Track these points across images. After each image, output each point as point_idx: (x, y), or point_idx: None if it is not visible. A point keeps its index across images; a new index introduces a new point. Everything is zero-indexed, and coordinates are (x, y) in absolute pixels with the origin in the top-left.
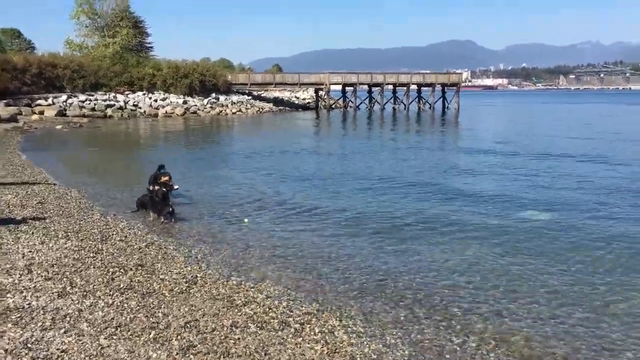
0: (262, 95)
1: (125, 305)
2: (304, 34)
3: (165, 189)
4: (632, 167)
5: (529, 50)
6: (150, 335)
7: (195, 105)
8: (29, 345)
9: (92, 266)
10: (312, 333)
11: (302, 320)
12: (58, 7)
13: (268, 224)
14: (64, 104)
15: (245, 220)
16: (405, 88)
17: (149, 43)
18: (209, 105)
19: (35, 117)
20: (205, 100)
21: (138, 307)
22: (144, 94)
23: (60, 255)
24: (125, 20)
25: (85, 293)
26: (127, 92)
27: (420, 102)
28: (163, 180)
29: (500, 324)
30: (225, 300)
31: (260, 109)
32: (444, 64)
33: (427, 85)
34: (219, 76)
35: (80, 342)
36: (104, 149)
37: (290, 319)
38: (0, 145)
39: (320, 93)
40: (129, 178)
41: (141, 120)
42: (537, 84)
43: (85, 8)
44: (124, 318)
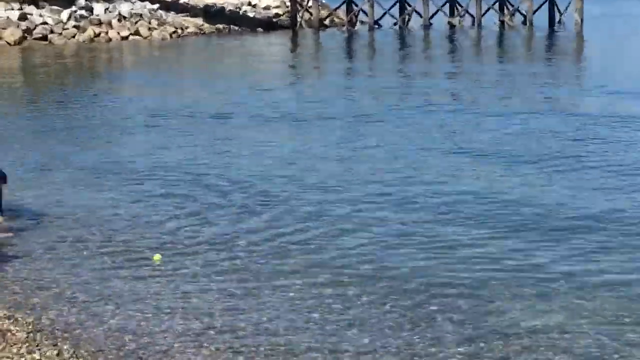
0: (184, 1)
1: None
2: None
3: None
4: None
5: None
6: None
7: (45, 23)
8: None
9: None
10: None
11: None
12: None
13: (201, 269)
14: None
15: (156, 258)
16: None
17: None
18: (71, 23)
19: None
20: (64, 14)
21: None
22: None
23: None
24: None
25: None
26: None
27: (505, 12)
28: None
29: None
30: None
31: (179, 30)
32: None
33: None
34: None
35: None
36: None
37: None
38: None
39: None
40: None
41: None
42: None
43: None
44: None
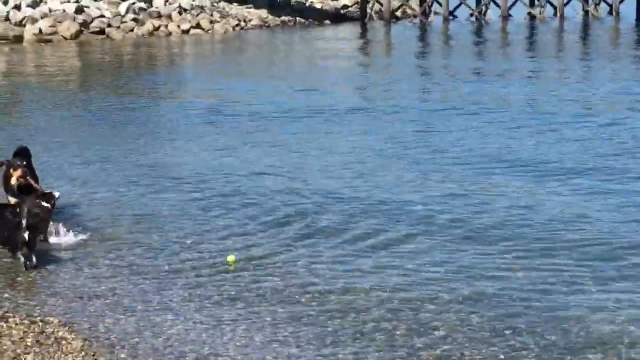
0: None
1: None
2: None
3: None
4: None
5: None
6: None
7: (102, 16)
8: None
9: None
10: None
11: None
12: None
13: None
14: None
15: (230, 260)
16: None
17: None
18: (129, 16)
19: None
20: (122, 6)
21: None
22: None
23: None
24: None
25: None
26: None
27: (590, 1)
28: (16, 177)
29: None
30: None
31: (242, 23)
32: None
33: None
34: None
35: None
36: None
37: None
38: None
39: None
40: None
41: None
42: None
43: None
44: None
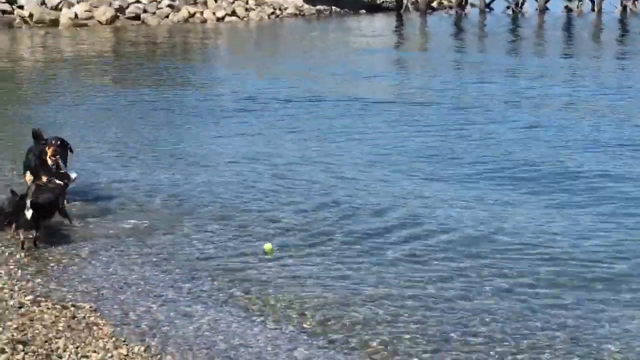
0: None
1: None
2: None
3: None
4: None
5: None
6: None
7: (138, 1)
8: None
9: None
10: None
11: None
12: None
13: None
14: None
15: (267, 248)
16: None
17: None
18: (165, 2)
19: None
20: None
21: None
22: None
23: None
24: None
25: None
26: None
27: None
28: (46, 155)
29: None
30: None
31: (278, 11)
32: None
33: None
34: None
35: None
36: None
37: None
38: None
39: None
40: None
41: (24, 34)
42: None
43: None
44: None
